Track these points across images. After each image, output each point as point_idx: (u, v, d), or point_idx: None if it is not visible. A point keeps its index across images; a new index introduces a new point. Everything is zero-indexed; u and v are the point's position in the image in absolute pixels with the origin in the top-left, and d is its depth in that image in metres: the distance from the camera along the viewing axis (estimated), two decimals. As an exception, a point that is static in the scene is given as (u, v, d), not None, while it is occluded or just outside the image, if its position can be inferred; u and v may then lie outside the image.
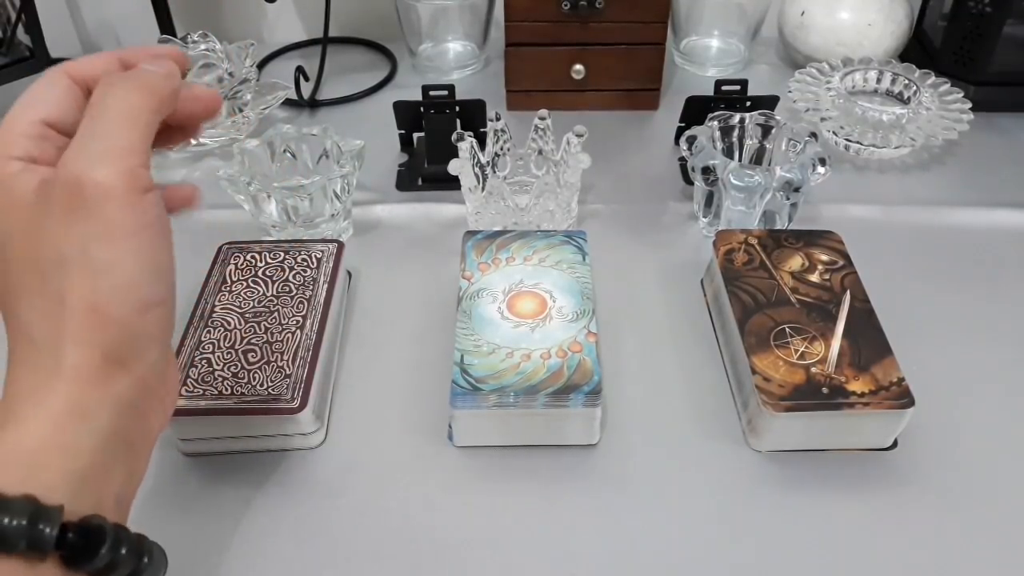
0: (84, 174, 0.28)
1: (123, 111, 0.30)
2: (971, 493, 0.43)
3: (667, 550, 0.40)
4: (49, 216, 0.29)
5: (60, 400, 0.28)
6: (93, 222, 0.28)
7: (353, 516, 0.42)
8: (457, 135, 0.55)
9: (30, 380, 0.29)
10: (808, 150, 0.55)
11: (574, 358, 0.44)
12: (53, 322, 0.29)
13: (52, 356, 0.28)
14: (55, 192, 0.29)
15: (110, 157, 0.29)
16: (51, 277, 0.29)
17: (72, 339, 0.28)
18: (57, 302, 0.28)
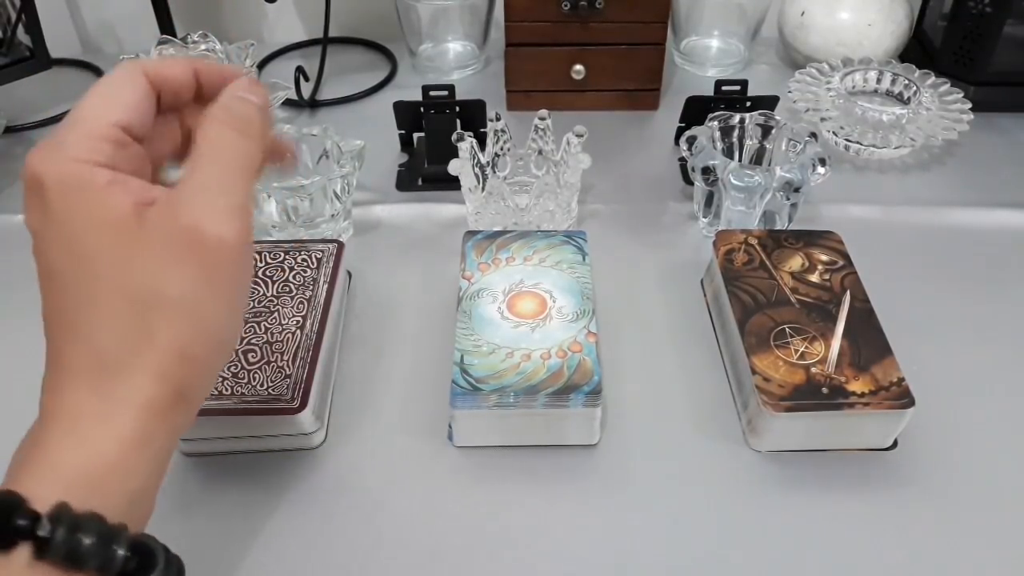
0: (208, 227, 0.29)
1: (241, 161, 0.30)
2: (971, 493, 0.43)
3: (667, 550, 0.40)
4: (152, 249, 0.28)
5: (129, 428, 0.28)
6: (204, 270, 0.29)
7: (353, 516, 0.42)
8: (457, 135, 0.55)
9: (97, 404, 0.28)
10: (808, 150, 0.55)
11: (574, 358, 0.44)
12: (135, 354, 0.28)
13: (127, 386, 0.28)
14: (165, 229, 0.28)
15: (235, 214, 0.29)
16: (143, 310, 0.28)
17: (154, 374, 0.29)
18: (145, 336, 0.28)
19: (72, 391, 0.28)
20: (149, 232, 0.28)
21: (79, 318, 0.28)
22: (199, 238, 0.28)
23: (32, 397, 0.49)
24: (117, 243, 0.28)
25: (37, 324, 0.55)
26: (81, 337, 0.28)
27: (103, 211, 0.28)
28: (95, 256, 0.28)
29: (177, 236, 0.28)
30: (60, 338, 0.29)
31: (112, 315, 0.28)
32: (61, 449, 0.28)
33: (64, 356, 0.29)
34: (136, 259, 0.28)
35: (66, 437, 0.28)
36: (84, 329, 0.28)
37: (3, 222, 0.63)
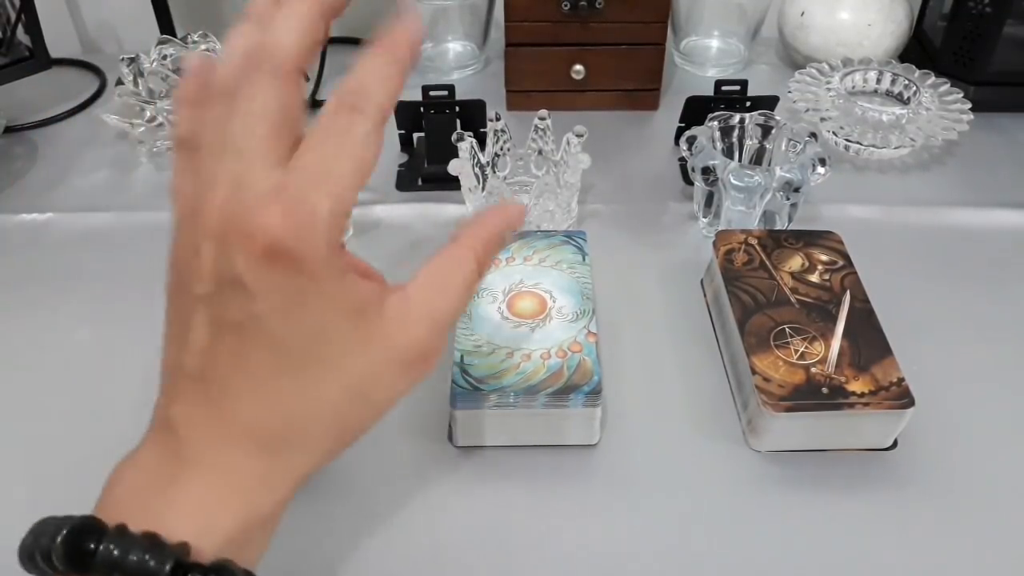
0: (430, 353, 0.30)
1: (470, 295, 0.32)
2: (971, 493, 0.43)
3: (667, 550, 0.40)
4: (383, 351, 0.29)
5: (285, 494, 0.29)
6: (409, 385, 0.30)
7: (353, 516, 0.42)
8: (457, 135, 0.55)
9: (265, 470, 0.29)
10: (808, 150, 0.55)
11: (574, 358, 0.44)
12: (321, 435, 0.29)
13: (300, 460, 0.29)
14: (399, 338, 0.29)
15: (447, 340, 0.31)
16: (349, 403, 0.29)
17: (325, 453, 0.30)
18: (337, 424, 0.29)
19: (242, 450, 0.28)
20: (390, 335, 0.29)
21: (281, 388, 0.28)
22: (422, 361, 0.30)
23: (32, 394, 0.49)
24: (355, 334, 0.28)
25: (36, 323, 0.55)
26: (277, 404, 0.28)
27: (350, 301, 0.28)
28: (329, 341, 0.28)
29: (415, 353, 0.29)
30: (242, 393, 0.28)
31: (321, 396, 0.28)
32: (221, 504, 0.28)
33: (243, 414, 0.28)
34: (364, 353, 0.28)
35: (228, 492, 0.28)
36: (283, 398, 0.28)
37: (3, 222, 0.63)
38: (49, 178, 0.68)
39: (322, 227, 0.26)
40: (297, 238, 0.25)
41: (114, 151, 0.71)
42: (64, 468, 0.45)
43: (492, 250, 0.32)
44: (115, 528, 0.26)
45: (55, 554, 0.25)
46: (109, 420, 0.47)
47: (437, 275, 0.31)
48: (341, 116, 0.27)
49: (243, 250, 0.26)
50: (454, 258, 0.31)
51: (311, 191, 0.26)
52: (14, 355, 0.52)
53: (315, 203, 0.26)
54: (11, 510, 0.42)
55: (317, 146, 0.27)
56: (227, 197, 0.26)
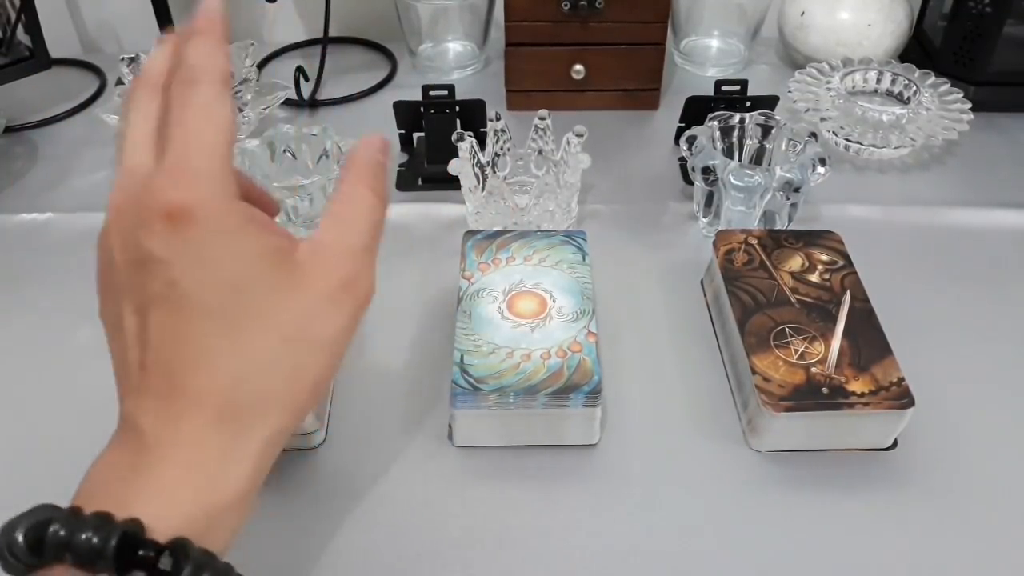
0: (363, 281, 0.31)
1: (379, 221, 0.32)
2: (971, 493, 0.43)
3: (667, 550, 0.40)
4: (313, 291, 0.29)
5: (252, 465, 0.29)
6: (354, 318, 0.31)
7: (353, 516, 0.42)
8: (457, 135, 0.55)
9: (225, 440, 0.28)
10: (808, 150, 0.55)
11: (574, 358, 0.44)
12: (279, 391, 0.29)
13: (261, 422, 0.29)
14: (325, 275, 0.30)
15: (374, 270, 0.32)
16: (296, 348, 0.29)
17: (288, 410, 0.30)
18: (293, 373, 0.29)
19: (197, 423, 0.28)
20: (308, 275, 0.29)
21: (219, 349, 0.28)
22: (354, 289, 0.30)
23: (31, 394, 0.49)
24: (274, 280, 0.29)
25: (36, 322, 0.55)
26: (220, 368, 0.28)
27: (259, 248, 0.29)
28: (250, 290, 0.28)
29: (337, 283, 0.30)
30: (184, 367, 0.28)
31: (260, 350, 0.28)
32: (181, 482, 0.27)
33: (189, 386, 0.28)
34: (295, 298, 0.29)
35: (188, 470, 0.27)
36: (224, 360, 0.28)
37: (3, 222, 0.63)
38: (49, 178, 0.68)
39: (209, 180, 0.28)
40: (189, 195, 0.27)
41: (114, 151, 0.70)
42: (64, 468, 0.45)
43: (377, 175, 0.33)
44: (67, 511, 0.26)
45: (16, 547, 0.25)
46: (109, 420, 0.47)
47: (338, 214, 0.32)
48: (186, 93, 0.29)
49: (144, 225, 0.27)
50: (347, 194, 0.32)
51: (188, 157, 0.28)
52: (13, 355, 0.52)
53: (195, 163, 0.28)
54: (11, 510, 0.42)
55: (177, 123, 0.29)
56: (120, 188, 0.29)
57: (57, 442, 0.46)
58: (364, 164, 0.33)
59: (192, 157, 0.28)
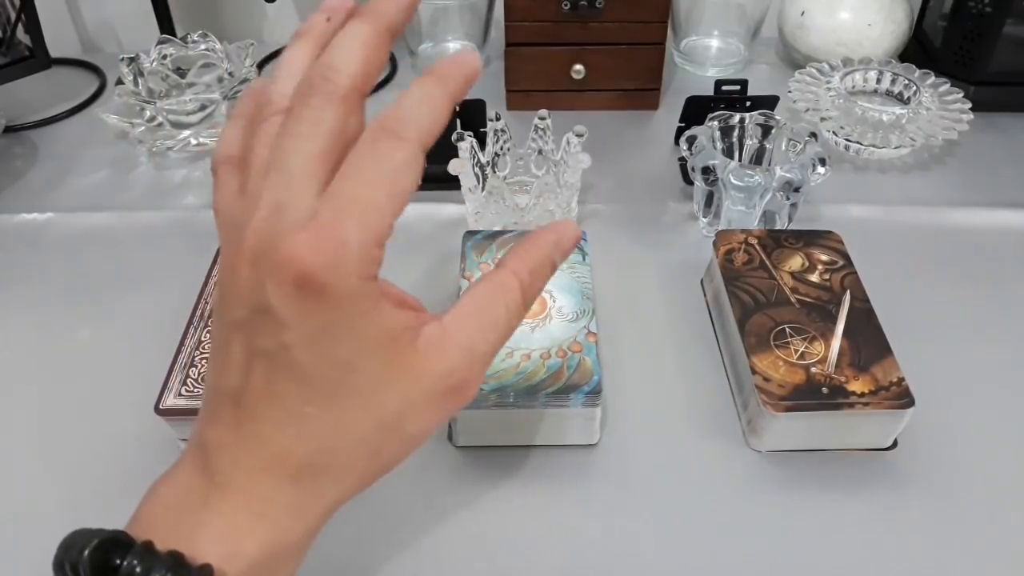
0: (471, 383, 0.29)
1: (515, 325, 0.30)
2: (971, 493, 0.43)
3: (667, 550, 0.40)
4: (418, 383, 0.28)
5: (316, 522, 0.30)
6: (448, 414, 0.30)
7: (353, 516, 0.42)
8: (457, 135, 0.55)
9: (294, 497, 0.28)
10: (808, 150, 0.55)
11: (574, 358, 0.44)
12: (354, 465, 0.29)
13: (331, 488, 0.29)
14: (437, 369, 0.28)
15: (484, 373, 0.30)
16: (383, 434, 0.28)
17: (357, 482, 0.30)
18: (371, 454, 0.29)
19: (275, 477, 0.28)
20: (423, 366, 0.28)
21: (314, 418, 0.27)
22: (458, 392, 0.29)
23: (31, 393, 0.49)
24: (387, 367, 0.27)
25: (36, 322, 0.55)
26: (306, 434, 0.27)
27: (382, 333, 0.27)
28: (360, 372, 0.27)
29: (446, 387, 0.28)
30: (275, 422, 0.27)
31: (352, 427, 0.28)
32: (250, 530, 0.27)
33: (273, 441, 0.27)
34: (396, 385, 0.28)
35: (258, 519, 0.28)
36: (315, 429, 0.27)
37: (3, 222, 0.63)
38: (49, 178, 0.68)
39: (352, 259, 0.25)
40: (326, 269, 0.25)
41: (114, 151, 0.71)
42: (64, 468, 0.45)
43: (540, 276, 0.30)
44: (141, 545, 0.26)
45: (82, 567, 0.25)
46: (109, 420, 0.47)
47: (477, 304, 0.29)
48: (381, 142, 0.26)
49: (273, 278, 0.25)
50: (497, 285, 0.30)
51: (344, 221, 0.25)
52: (14, 355, 0.52)
53: (347, 233, 0.25)
54: (10, 509, 0.42)
55: (354, 173, 0.26)
56: (266, 219, 0.26)
57: (57, 442, 0.46)
58: (534, 258, 0.30)
59: (348, 225, 0.25)
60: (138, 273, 0.58)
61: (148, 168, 0.69)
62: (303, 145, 0.26)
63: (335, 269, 0.25)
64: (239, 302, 0.27)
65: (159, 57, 0.69)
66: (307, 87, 0.27)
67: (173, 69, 0.69)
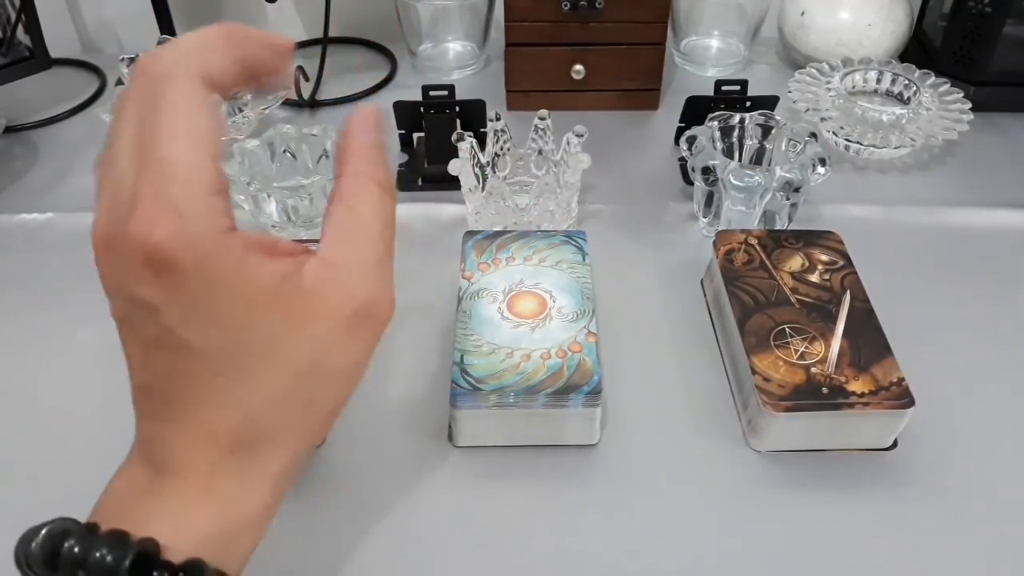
0: (380, 302, 0.28)
1: (391, 222, 0.29)
2: (971, 493, 0.43)
3: (667, 550, 0.40)
4: (321, 323, 0.27)
5: (267, 490, 0.29)
6: (372, 340, 0.29)
7: (353, 516, 0.42)
8: (457, 135, 0.55)
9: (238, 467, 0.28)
10: (808, 150, 0.55)
11: (574, 358, 0.44)
12: (291, 423, 0.28)
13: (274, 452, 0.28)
14: (335, 303, 0.27)
15: (392, 281, 0.29)
16: (307, 382, 0.28)
17: (302, 439, 0.29)
18: (304, 406, 0.28)
19: (211, 453, 0.27)
20: (319, 303, 0.27)
21: (228, 387, 0.27)
22: (372, 313, 0.28)
23: (32, 393, 0.49)
24: (280, 315, 0.26)
25: (36, 322, 0.55)
26: (230, 404, 0.27)
27: (260, 284, 0.26)
28: (254, 329, 0.26)
29: (351, 311, 0.27)
30: (195, 402, 0.27)
31: (271, 387, 0.27)
32: (196, 505, 0.27)
33: (201, 419, 0.27)
34: (301, 332, 0.27)
35: (203, 495, 0.27)
36: (234, 398, 0.27)
37: (3, 222, 0.63)
38: (49, 178, 0.68)
39: (190, 219, 0.24)
40: (169, 241, 0.24)
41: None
42: (64, 468, 0.45)
43: (378, 159, 0.29)
44: (83, 527, 0.26)
45: (31, 558, 0.25)
46: (109, 420, 0.47)
47: (342, 222, 0.28)
48: (149, 91, 0.25)
49: (128, 267, 0.25)
50: (349, 195, 0.28)
51: (165, 186, 0.24)
52: (14, 355, 0.52)
53: (172, 192, 0.24)
54: (10, 509, 0.42)
55: (148, 134, 0.25)
56: (105, 211, 0.25)
57: (57, 442, 0.46)
58: (361, 150, 0.29)
59: (172, 189, 0.24)
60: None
61: (148, 168, 0.69)
62: (124, 129, 0.25)
63: (178, 237, 0.24)
64: (114, 299, 0.26)
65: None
66: (133, 75, 0.26)
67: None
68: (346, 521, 0.42)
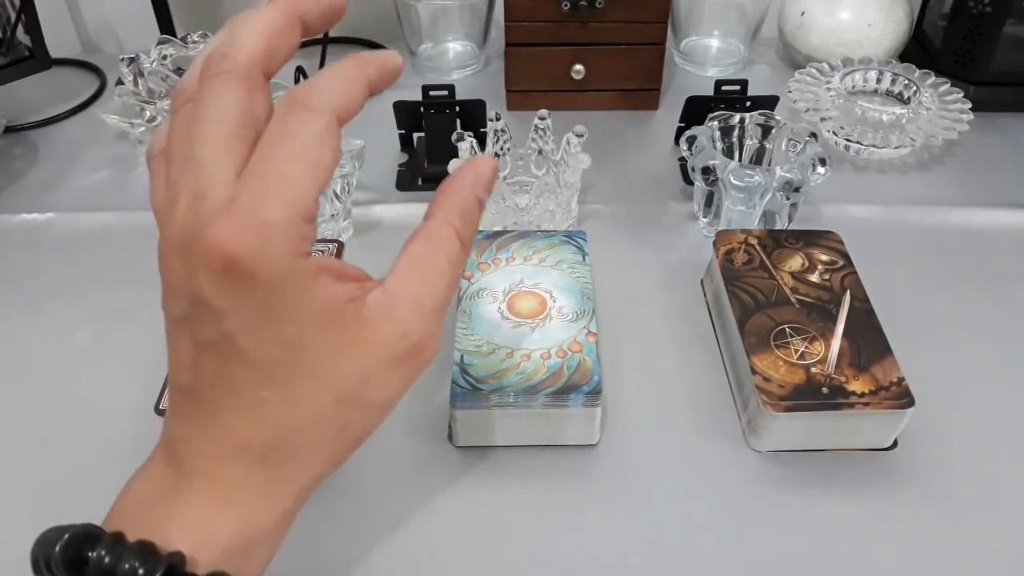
0: (427, 345, 0.28)
1: (458, 274, 0.30)
2: (971, 493, 0.43)
3: (667, 550, 0.40)
4: (370, 353, 0.27)
5: (288, 505, 0.29)
6: (411, 379, 0.29)
7: (353, 516, 0.42)
8: (457, 135, 0.55)
9: (264, 481, 0.28)
10: (808, 150, 0.55)
11: (574, 358, 0.44)
12: (321, 444, 0.29)
13: (301, 469, 0.29)
14: (385, 336, 0.28)
15: (442, 328, 0.29)
16: (345, 408, 0.28)
17: (328, 461, 0.29)
18: (337, 430, 0.29)
19: (240, 464, 0.28)
20: (373, 334, 0.27)
21: (270, 403, 0.27)
22: (420, 355, 0.28)
23: (31, 394, 0.49)
24: (336, 341, 0.27)
25: (36, 322, 0.55)
26: (266, 417, 0.27)
27: (324, 307, 0.26)
28: (309, 350, 0.27)
29: (402, 349, 0.28)
30: (235, 410, 0.27)
31: (310, 406, 0.27)
32: (221, 516, 0.27)
33: (234, 428, 0.27)
34: (349, 357, 0.27)
35: (228, 506, 0.28)
36: (274, 412, 0.27)
37: (3, 222, 0.63)
38: (49, 178, 0.68)
39: (278, 238, 0.25)
40: (252, 253, 0.24)
41: (114, 151, 0.71)
42: (64, 468, 0.45)
43: (471, 218, 0.30)
44: (111, 536, 0.26)
45: (54, 562, 0.25)
46: (109, 420, 0.47)
47: (417, 261, 0.29)
48: (291, 116, 0.26)
49: (203, 267, 0.25)
50: (432, 238, 0.29)
51: (264, 201, 0.25)
52: (14, 355, 0.52)
53: (268, 213, 0.24)
54: (10, 509, 0.42)
55: (268, 151, 0.25)
56: (186, 210, 0.25)
57: (56, 442, 0.46)
58: (462, 203, 0.30)
59: (268, 205, 0.25)
60: (138, 273, 0.57)
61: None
62: (209, 130, 0.25)
63: (262, 252, 0.24)
64: (177, 296, 0.26)
65: (159, 57, 0.69)
66: (207, 68, 0.26)
67: (173, 69, 0.68)
68: (346, 521, 0.42)
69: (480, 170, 0.31)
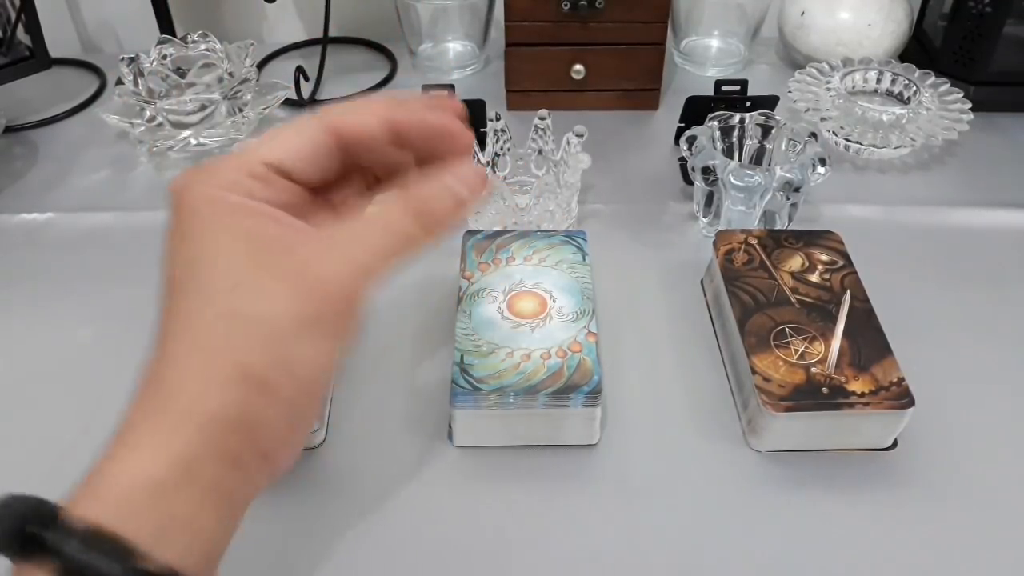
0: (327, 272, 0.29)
1: (404, 248, 0.32)
2: (971, 493, 0.43)
3: (667, 550, 0.40)
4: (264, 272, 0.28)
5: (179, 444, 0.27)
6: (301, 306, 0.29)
7: (353, 516, 0.42)
8: (457, 135, 0.55)
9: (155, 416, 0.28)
10: (808, 150, 0.55)
11: (574, 358, 0.44)
12: (203, 365, 0.28)
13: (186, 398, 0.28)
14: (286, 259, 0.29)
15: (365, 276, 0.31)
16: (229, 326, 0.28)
17: (214, 388, 0.28)
18: (219, 348, 0.28)
19: (141, 401, 0.28)
20: (294, 264, 0.29)
21: (176, 329, 0.28)
22: (344, 302, 0.30)
23: (31, 393, 0.49)
24: (233, 261, 0.28)
25: (37, 322, 0.55)
26: (167, 348, 0.28)
27: (238, 233, 0.29)
28: (207, 269, 0.28)
29: (290, 267, 0.29)
30: (155, 351, 0.28)
31: (200, 327, 0.28)
32: (113, 461, 0.27)
33: (150, 367, 0.28)
34: (244, 279, 0.28)
35: (120, 448, 0.27)
36: (172, 340, 0.28)
37: (3, 222, 0.63)
38: (49, 178, 0.68)
39: (209, 178, 0.29)
40: (186, 184, 0.29)
41: (114, 151, 0.71)
42: (64, 468, 0.45)
43: (443, 222, 0.33)
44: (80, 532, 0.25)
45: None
46: (109, 420, 0.47)
47: (363, 223, 0.31)
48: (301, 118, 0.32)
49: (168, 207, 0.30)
50: (386, 217, 0.32)
51: (231, 161, 0.30)
52: (14, 355, 0.52)
53: (214, 165, 0.30)
54: (11, 510, 0.42)
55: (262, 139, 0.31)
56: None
57: (57, 442, 0.46)
58: (425, 201, 0.32)
59: (221, 162, 0.30)
60: (138, 273, 0.57)
61: (148, 168, 0.69)
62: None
63: (189, 184, 0.29)
64: None
65: (159, 57, 0.69)
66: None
67: (173, 69, 0.69)
68: (346, 521, 0.42)
69: (477, 179, 0.33)
